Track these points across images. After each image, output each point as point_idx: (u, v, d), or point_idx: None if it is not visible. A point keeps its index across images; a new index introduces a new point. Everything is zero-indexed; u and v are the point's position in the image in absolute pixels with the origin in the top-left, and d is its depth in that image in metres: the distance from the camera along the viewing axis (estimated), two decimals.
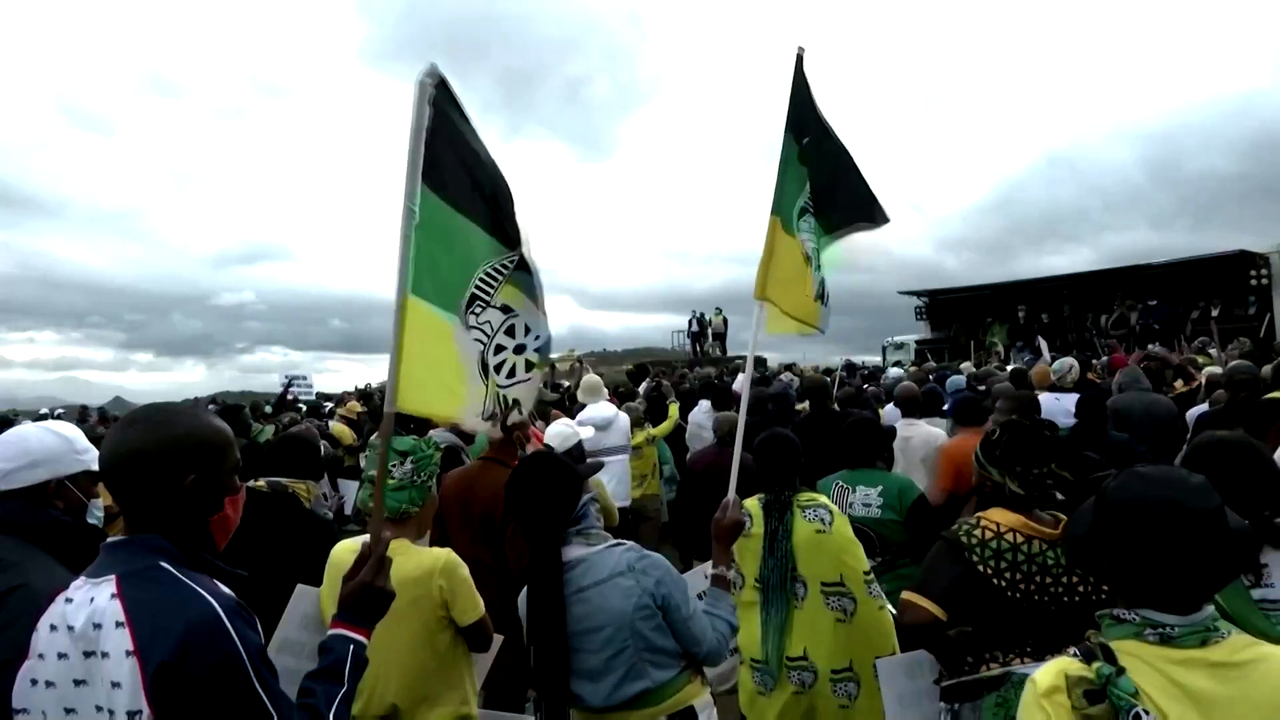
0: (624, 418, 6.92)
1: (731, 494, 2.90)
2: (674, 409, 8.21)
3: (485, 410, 2.36)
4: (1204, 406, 6.34)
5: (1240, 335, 12.64)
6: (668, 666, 2.34)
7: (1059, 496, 2.53)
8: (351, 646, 1.69)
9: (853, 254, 3.40)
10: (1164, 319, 16.65)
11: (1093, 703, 1.32)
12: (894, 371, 13.32)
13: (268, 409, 9.74)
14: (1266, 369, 6.11)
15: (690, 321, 25.23)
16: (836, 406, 6.88)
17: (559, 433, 4.68)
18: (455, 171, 2.19)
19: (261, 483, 3.10)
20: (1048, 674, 1.41)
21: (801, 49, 3.27)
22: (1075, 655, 1.41)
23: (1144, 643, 1.38)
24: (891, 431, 5.04)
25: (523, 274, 2.42)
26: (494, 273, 2.37)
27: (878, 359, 21.21)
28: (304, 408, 11.60)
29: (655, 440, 7.36)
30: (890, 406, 7.24)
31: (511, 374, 2.46)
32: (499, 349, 2.43)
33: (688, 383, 11.61)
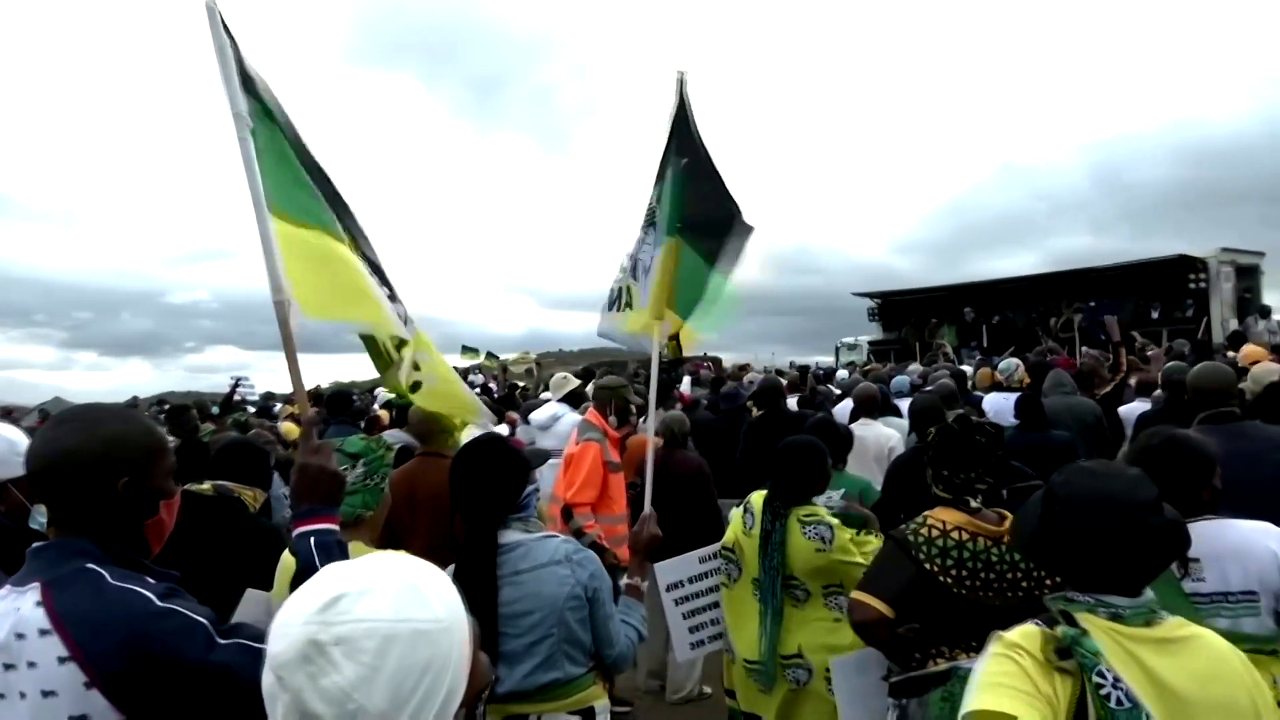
0: (567, 422, 6.63)
1: (647, 508, 2.99)
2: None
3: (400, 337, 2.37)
4: (1138, 405, 6.54)
5: (1179, 337, 13.05)
6: (580, 663, 2.40)
7: (973, 504, 2.58)
8: (312, 539, 1.66)
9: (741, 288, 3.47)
10: (1099, 322, 16.99)
11: (1063, 658, 1.39)
12: (842, 374, 13.51)
13: (214, 409, 9.53)
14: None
15: None
16: (795, 406, 6.93)
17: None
18: (263, 94, 2.19)
19: (206, 485, 3.04)
20: (1014, 633, 1.48)
21: (682, 73, 3.35)
22: (1038, 623, 1.49)
23: (1096, 617, 1.47)
24: (849, 433, 5.11)
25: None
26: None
27: (831, 359, 21.45)
28: (251, 408, 11.36)
29: None
30: (842, 405, 7.35)
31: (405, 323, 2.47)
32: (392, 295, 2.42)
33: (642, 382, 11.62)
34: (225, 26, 2.08)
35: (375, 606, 0.97)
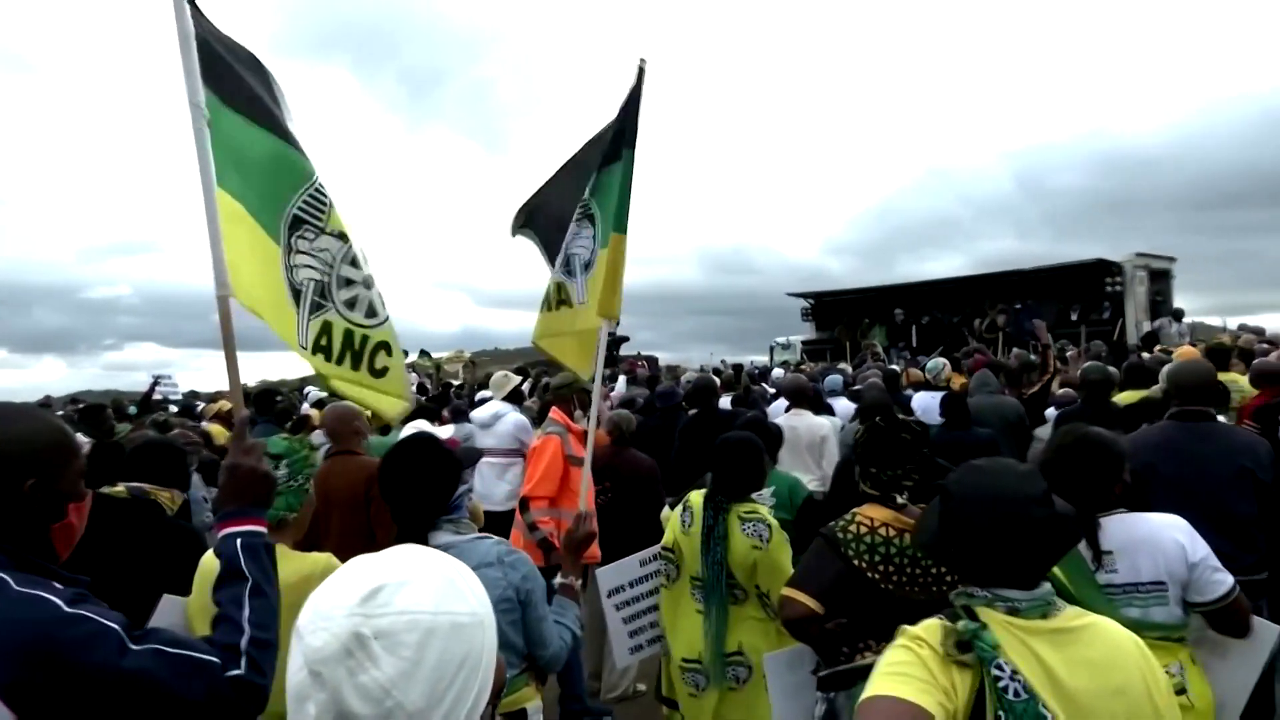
0: (509, 421, 6.73)
1: (582, 506, 3.01)
2: None
3: (308, 339, 2.35)
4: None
5: (1096, 338, 13.56)
6: (511, 665, 2.37)
7: (899, 500, 2.64)
8: (239, 540, 1.62)
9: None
10: (1025, 324, 17.57)
11: (963, 651, 1.42)
12: (777, 373, 13.71)
13: (132, 409, 9.20)
14: (1115, 372, 6.57)
15: None
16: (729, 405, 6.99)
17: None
18: (239, 84, 2.18)
19: (121, 488, 2.93)
20: (918, 627, 1.51)
21: (643, 60, 3.33)
22: (943, 617, 1.52)
23: (996, 611, 1.50)
24: (780, 430, 5.19)
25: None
26: (318, 196, 2.34)
27: (765, 359, 21.72)
28: (173, 408, 10.98)
29: None
30: (776, 403, 7.47)
31: (371, 312, 2.45)
32: (347, 282, 2.41)
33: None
34: (201, 16, 2.06)
35: (416, 598, 0.94)
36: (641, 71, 3.36)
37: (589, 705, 4.85)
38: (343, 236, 2.39)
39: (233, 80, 2.17)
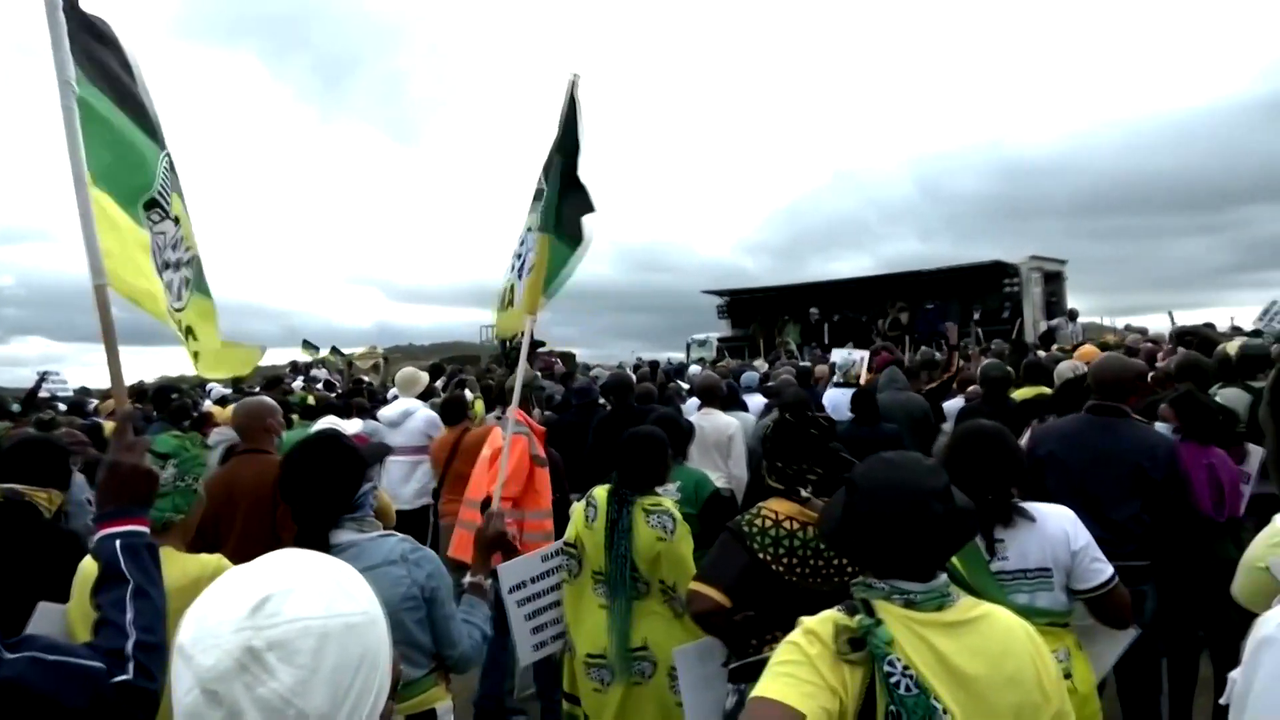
0: (420, 418, 6.76)
1: (496, 504, 2.98)
2: (479, 406, 8.07)
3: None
4: (960, 400, 7.06)
5: (996, 338, 14.14)
6: (419, 665, 2.33)
7: (803, 494, 2.69)
8: (118, 541, 1.55)
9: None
10: (930, 323, 18.20)
11: (855, 650, 1.44)
12: (694, 369, 13.84)
13: (15, 407, 8.68)
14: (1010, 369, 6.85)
15: None
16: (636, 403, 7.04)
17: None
18: (101, 63, 2.11)
19: None
20: (814, 620, 1.53)
21: (576, 75, 3.43)
22: (841, 610, 1.54)
23: (893, 604, 1.53)
24: (691, 426, 5.25)
25: (176, 179, 2.35)
26: (166, 177, 2.29)
27: (682, 355, 21.91)
28: (62, 405, 10.40)
29: None
30: (692, 400, 7.54)
31: (179, 296, 2.40)
32: (167, 265, 2.36)
33: (494, 379, 11.46)
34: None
35: (305, 605, 0.93)
36: (573, 85, 3.42)
37: (506, 704, 4.80)
38: (177, 220, 2.35)
39: (95, 54, 2.09)
